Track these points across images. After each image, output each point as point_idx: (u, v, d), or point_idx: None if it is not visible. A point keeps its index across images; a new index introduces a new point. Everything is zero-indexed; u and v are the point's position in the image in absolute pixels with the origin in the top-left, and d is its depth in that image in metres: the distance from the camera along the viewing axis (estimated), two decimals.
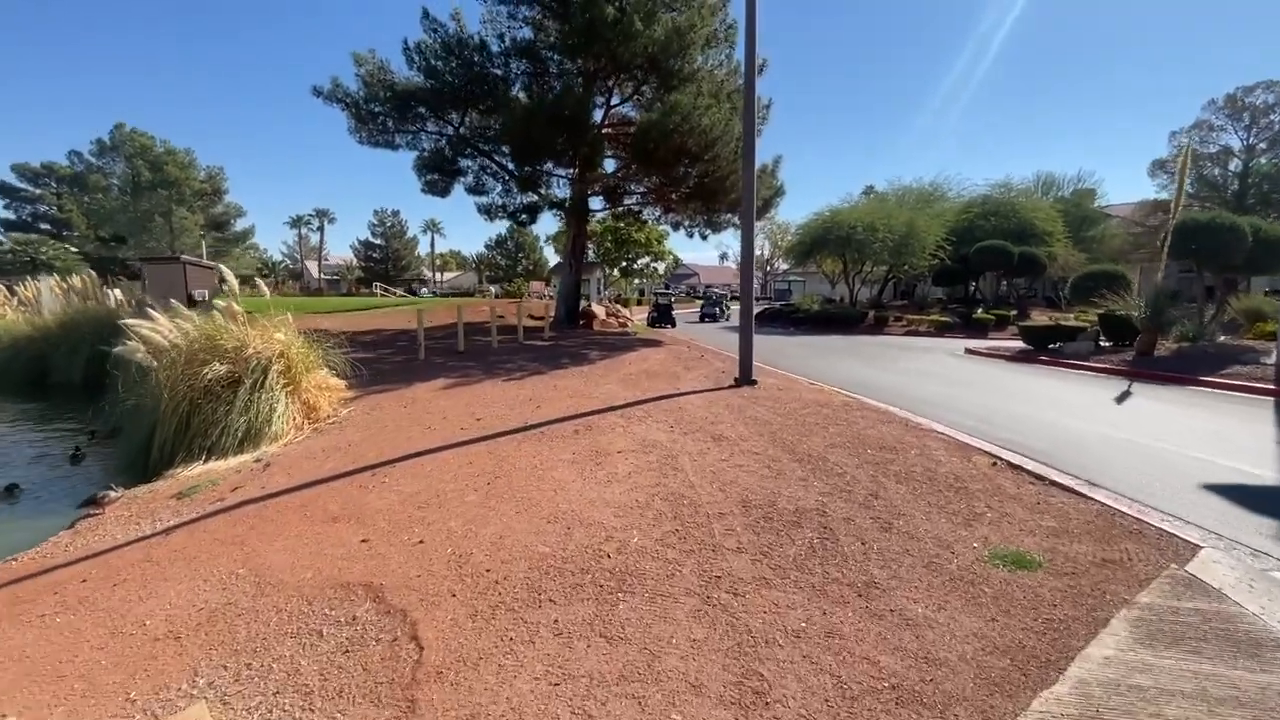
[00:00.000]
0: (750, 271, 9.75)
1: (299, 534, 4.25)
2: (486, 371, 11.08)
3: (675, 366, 11.85)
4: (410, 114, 17.38)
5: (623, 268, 43.14)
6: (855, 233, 30.11)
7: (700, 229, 21.88)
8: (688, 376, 10.56)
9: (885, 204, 34.56)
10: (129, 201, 41.73)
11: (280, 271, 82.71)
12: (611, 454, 5.79)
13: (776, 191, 19.28)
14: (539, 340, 16.32)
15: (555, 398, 8.61)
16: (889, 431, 6.65)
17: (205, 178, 45.11)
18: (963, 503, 4.54)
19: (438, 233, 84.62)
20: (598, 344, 16.06)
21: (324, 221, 77.49)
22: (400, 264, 74.97)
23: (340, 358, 9.25)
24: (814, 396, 8.72)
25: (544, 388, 9.43)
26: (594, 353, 14.04)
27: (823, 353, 16.79)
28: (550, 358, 13.01)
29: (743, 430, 6.62)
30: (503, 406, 8.06)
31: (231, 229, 48.33)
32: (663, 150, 14.60)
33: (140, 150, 41.94)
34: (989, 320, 26.10)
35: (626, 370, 11.28)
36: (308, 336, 9.16)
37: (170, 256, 23.09)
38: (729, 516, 4.27)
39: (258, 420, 7.22)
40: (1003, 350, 16.73)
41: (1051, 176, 41.53)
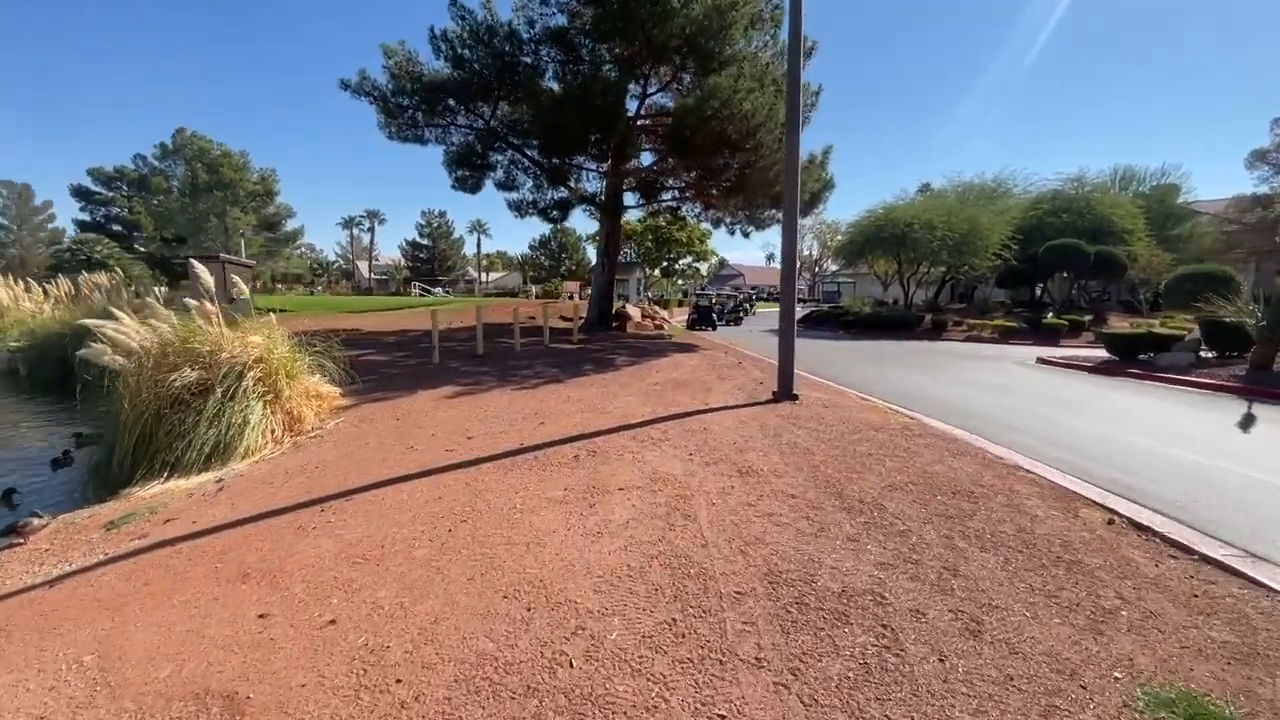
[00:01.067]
0: (792, 268, 8.50)
1: (192, 599, 3.32)
2: (500, 378, 10.17)
3: (707, 375, 10.68)
4: (439, 106, 16.74)
5: (663, 268, 42.00)
6: (911, 230, 28.18)
7: (742, 226, 20.56)
8: (720, 388, 9.37)
9: (943, 201, 32.31)
10: (188, 203, 43.16)
11: (334, 271, 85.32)
12: (611, 491, 4.70)
13: (825, 185, 17.81)
14: (566, 344, 15.39)
15: (564, 412, 7.58)
16: (962, 468, 5.33)
17: (258, 179, 46.34)
18: (1080, 588, 3.26)
19: (483, 233, 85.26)
20: (628, 348, 15.01)
21: (374, 222, 79.24)
22: (446, 264, 75.90)
23: (340, 361, 8.50)
24: (866, 417, 7.41)
25: (555, 399, 8.42)
26: (621, 358, 12.99)
27: (875, 360, 15.28)
28: (573, 364, 12.03)
29: (777, 461, 5.43)
30: (503, 422, 7.09)
31: (282, 229, 49.59)
32: (700, 138, 13.44)
33: (199, 153, 43.35)
34: (1060, 325, 23.86)
35: (652, 379, 10.17)
36: (306, 338, 8.46)
37: (210, 255, 23.29)
38: (749, 599, 3.13)
39: (228, 433, 6.45)
40: (1081, 360, 14.86)
41: (1131, 170, 38.21)
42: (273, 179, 47.21)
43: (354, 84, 16.30)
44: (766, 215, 19.67)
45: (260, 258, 46.48)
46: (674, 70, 15.92)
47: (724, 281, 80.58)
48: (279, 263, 50.59)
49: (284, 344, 7.62)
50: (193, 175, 43.31)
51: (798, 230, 8.50)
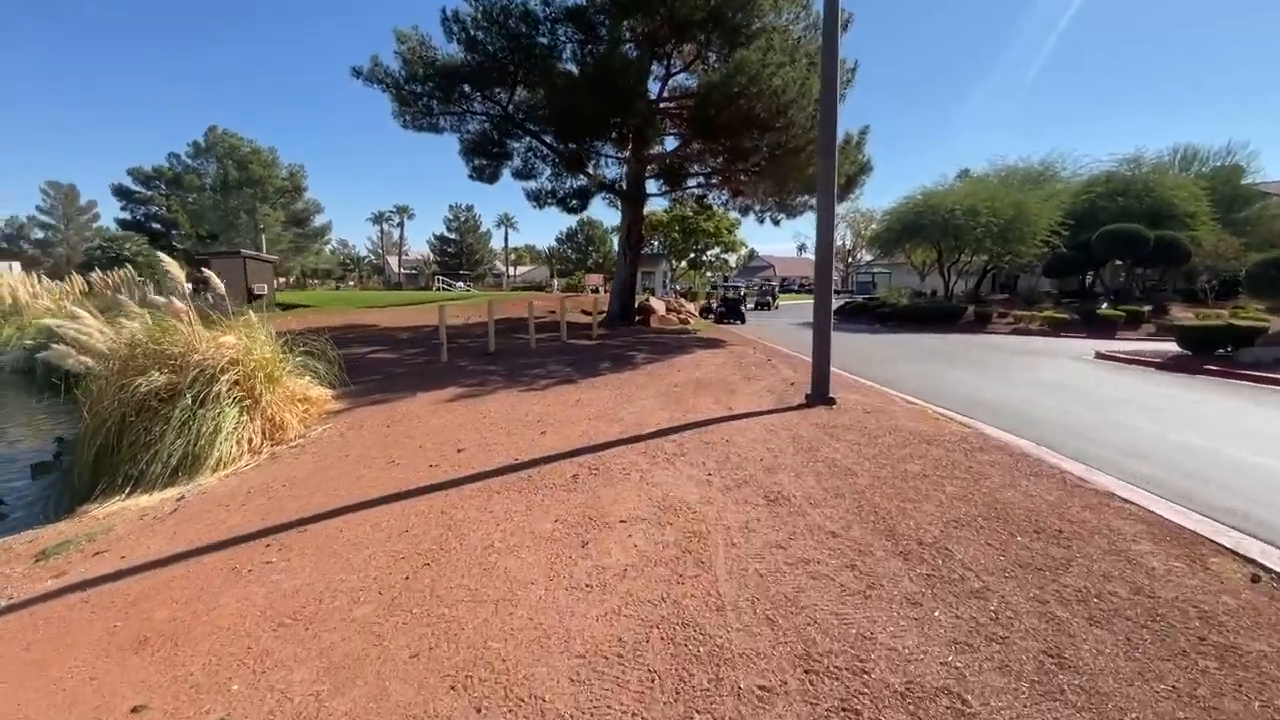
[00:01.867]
0: (829, 254, 7.54)
1: (67, 675, 2.63)
2: (508, 378, 9.45)
3: (733, 375, 9.79)
4: (453, 93, 16.07)
5: (691, 259, 40.96)
6: (953, 217, 26.64)
7: (772, 214, 19.51)
8: (746, 390, 8.49)
9: (986, 186, 30.52)
10: (220, 200, 43.74)
11: (365, 267, 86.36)
12: (611, 524, 3.90)
13: (861, 168, 16.63)
14: (585, 340, 14.63)
15: (571, 419, 6.80)
16: (1040, 494, 4.37)
17: (286, 175, 46.73)
18: (1249, 696, 2.33)
19: (511, 227, 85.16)
20: (650, 344, 14.18)
21: (404, 217, 79.70)
22: (474, 258, 76.02)
23: (335, 360, 7.89)
24: (915, 425, 6.45)
25: (564, 403, 7.65)
26: (641, 355, 12.17)
27: (918, 356, 14.14)
28: (588, 362, 11.25)
29: (812, 485, 4.55)
30: (501, 430, 6.34)
31: (311, 225, 50.01)
32: (726, 117, 12.49)
33: (229, 150, 43.87)
34: (1117, 317, 22.16)
35: (673, 379, 9.33)
36: (305, 337, 7.87)
37: (231, 251, 23.24)
38: (777, 700, 2.29)
39: (197, 443, 5.84)
40: (1147, 355, 13.49)
41: (1193, 149, 35.65)
42: (301, 174, 47.58)
43: (366, 71, 15.74)
44: (798, 202, 18.59)
45: (289, 253, 46.95)
46: (698, 48, 14.93)
47: (754, 273, 79.02)
48: (308, 258, 51.05)
49: (267, 344, 6.99)
50: (224, 172, 43.86)
51: (834, 214, 7.54)
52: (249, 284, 22.33)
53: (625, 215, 17.74)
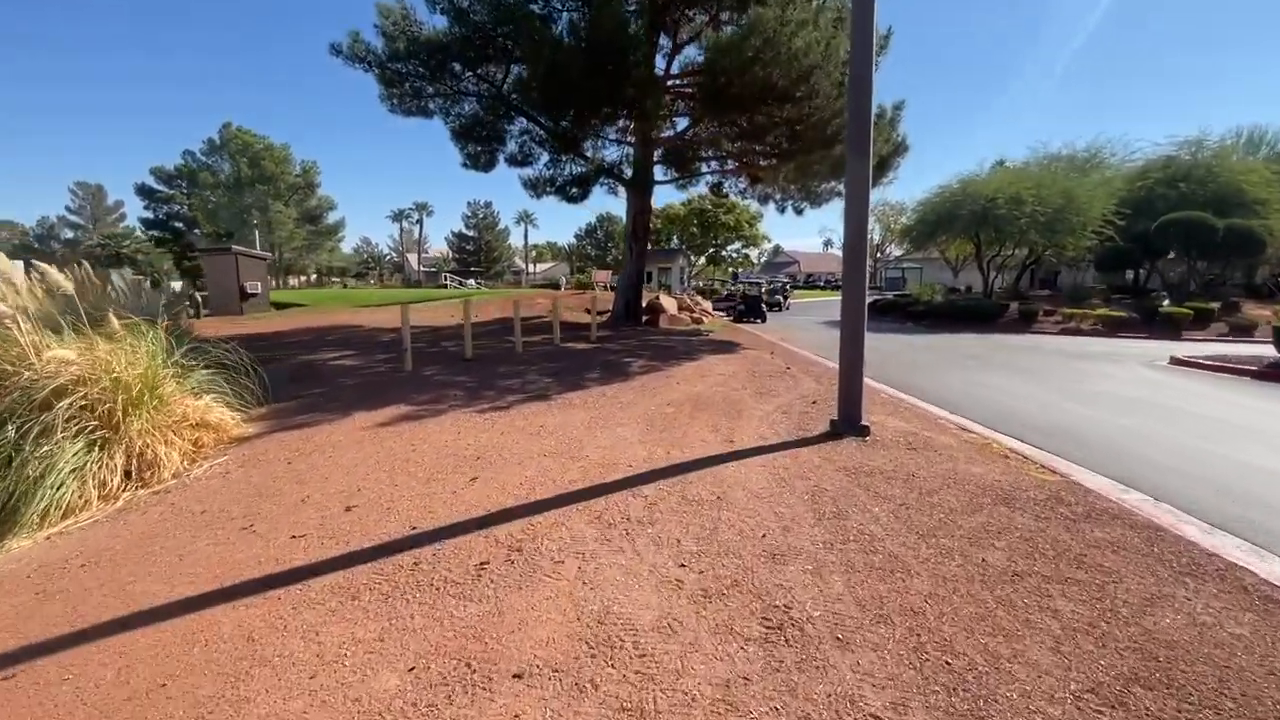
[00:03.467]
0: (861, 240, 5.82)
1: None
2: (471, 393, 7.92)
3: (743, 389, 8.12)
4: (441, 71, 14.62)
5: (710, 254, 39.12)
6: (994, 207, 24.47)
7: (794, 202, 17.69)
8: (756, 411, 6.82)
9: (1028, 174, 28.10)
10: (234, 197, 43.28)
11: (385, 264, 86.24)
12: (496, 681, 2.31)
13: (896, 148, 14.73)
14: (581, 343, 13.07)
15: (521, 456, 5.23)
16: (1225, 622, 2.65)
17: (299, 172, 46.12)
18: None
19: (531, 224, 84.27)
20: (653, 348, 12.55)
21: (422, 215, 79.28)
22: (493, 255, 75.13)
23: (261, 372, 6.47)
24: (982, 472, 4.72)
25: (522, 431, 6.07)
26: (639, 362, 10.55)
27: (959, 361, 12.27)
28: (576, 370, 9.68)
29: (841, 594, 2.89)
30: (419, 476, 4.78)
31: (324, 222, 49.40)
32: (739, 87, 10.78)
33: (243, 147, 43.38)
34: (1182, 316, 19.82)
35: (668, 395, 7.70)
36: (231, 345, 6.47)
37: (222, 248, 22.21)
38: None
39: (17, 488, 4.41)
40: (1234, 361, 11.44)
41: (1260, 130, 32.61)
42: (314, 171, 46.95)
43: (346, 49, 14.34)
44: (823, 189, 16.75)
45: (302, 251, 46.36)
46: (709, 14, 13.22)
47: (778, 269, 76.75)
48: (321, 255, 50.48)
49: (145, 357, 5.55)
50: (236, 170, 43.36)
51: (869, 190, 5.81)
52: (241, 282, 21.25)
53: (631, 205, 16.10)
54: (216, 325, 17.03)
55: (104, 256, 25.62)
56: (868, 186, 5.72)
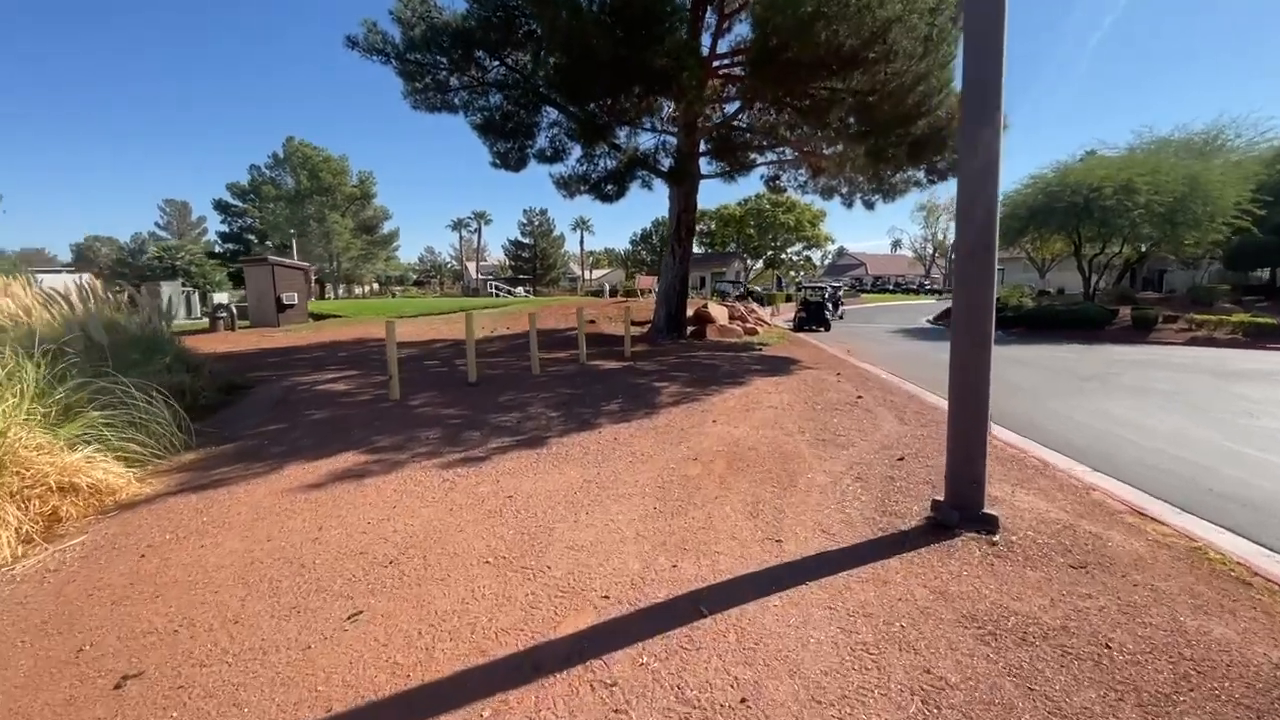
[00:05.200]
0: (990, 216, 3.74)
1: None
2: (449, 436, 6.28)
3: (799, 432, 6.12)
4: (465, 60, 13.31)
5: (768, 257, 36.67)
6: (1100, 198, 21.15)
7: (863, 194, 15.36)
8: (817, 473, 4.84)
9: (1136, 159, 24.39)
10: (295, 209, 44.23)
11: (446, 273, 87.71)
12: None
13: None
14: (612, 360, 11.31)
15: (450, 564, 3.47)
16: None
17: (357, 182, 46.76)
18: None
19: (586, 230, 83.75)
20: (693, 367, 10.65)
21: (481, 223, 80.00)
22: (548, 262, 74.78)
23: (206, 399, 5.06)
24: (1233, 637, 2.62)
25: (475, 507, 4.33)
26: (672, 388, 8.68)
27: (1075, 383, 9.75)
28: (593, 399, 7.92)
29: None
30: (277, 609, 3.08)
31: (379, 231, 49.95)
32: (796, 50, 8.79)
33: (303, 160, 44.29)
34: None
35: (697, 442, 5.81)
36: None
37: (258, 259, 21.79)
38: None
39: None
40: None
41: None
42: (370, 181, 47.51)
43: (362, 40, 13.21)
44: (900, 179, 14.37)
45: (359, 261, 46.93)
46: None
47: (843, 272, 73.02)
48: (377, 265, 51.07)
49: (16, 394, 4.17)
50: (297, 182, 44.32)
51: (999, 133, 3.76)
52: (278, 293, 20.73)
53: (673, 203, 14.25)
54: (237, 339, 16.34)
55: (160, 269, 25.96)
56: (996, 163, 3.69)
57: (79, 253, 75.33)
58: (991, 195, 3.71)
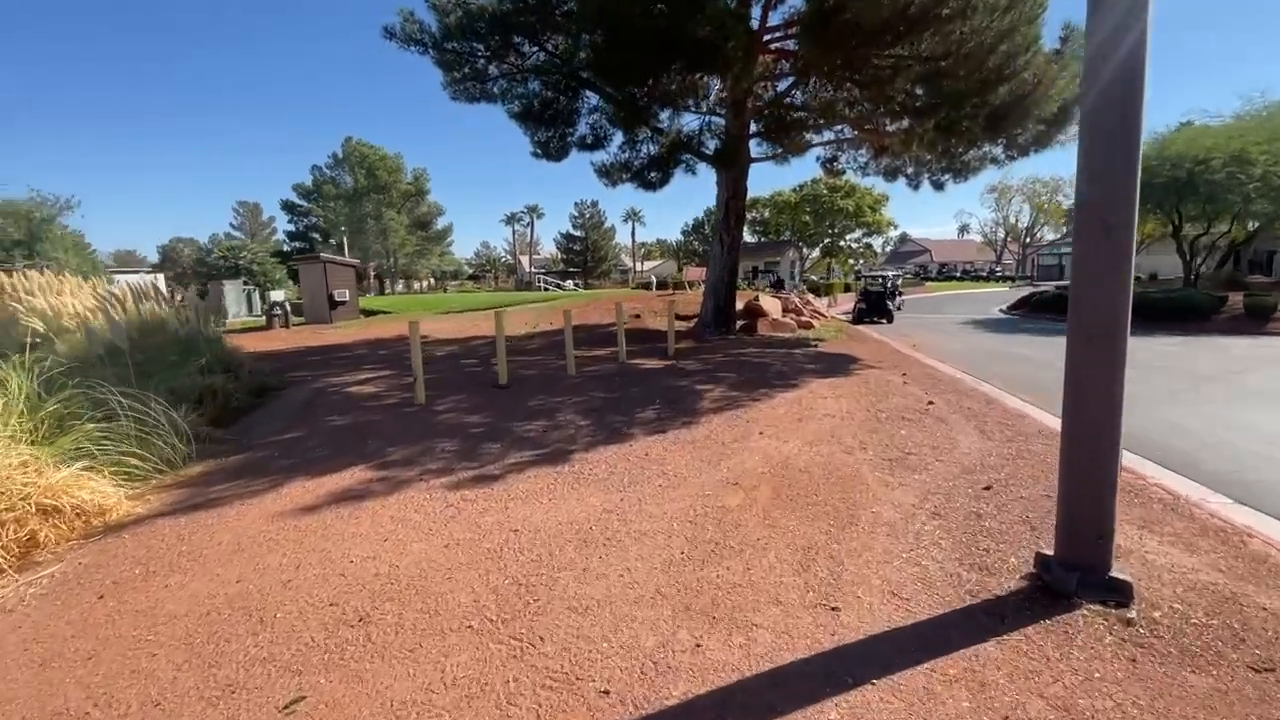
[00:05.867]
0: (1130, 195, 2.80)
1: None
2: (465, 449, 5.74)
3: (859, 449, 5.27)
4: (501, 45, 12.83)
5: (825, 245, 35.01)
6: (1206, 171, 18.88)
7: (932, 175, 14.05)
8: (883, 506, 4.01)
9: (1245, 126, 21.64)
10: (354, 207, 45.46)
11: (500, 267, 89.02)
12: None
13: None
14: (654, 358, 10.61)
15: (423, 626, 2.87)
16: None
17: (411, 179, 47.64)
18: None
19: (638, 221, 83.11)
20: (741, 366, 9.82)
21: (533, 217, 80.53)
22: (598, 255, 74.64)
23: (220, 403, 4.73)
24: None
25: (473, 544, 3.73)
26: (716, 391, 7.90)
27: (1189, 384, 8.40)
28: (628, 404, 7.25)
29: None
30: (212, 684, 2.57)
31: (434, 228, 50.80)
32: (854, 11, 7.79)
33: (360, 159, 45.42)
34: None
35: (739, 461, 5.06)
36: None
37: (311, 256, 22.16)
38: None
39: None
40: None
41: None
42: (424, 178, 48.31)
43: (399, 30, 12.91)
44: (973, 156, 13.02)
45: (414, 257, 47.85)
46: None
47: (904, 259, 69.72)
48: (431, 260, 51.99)
49: None
50: (355, 180, 45.50)
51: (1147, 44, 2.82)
52: (330, 290, 21.02)
53: (722, 188, 13.36)
54: (288, 337, 16.54)
55: (224, 268, 26.94)
56: (1139, 95, 2.75)
57: (164, 254, 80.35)
58: (1132, 146, 2.77)
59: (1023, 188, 56.11)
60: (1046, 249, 56.82)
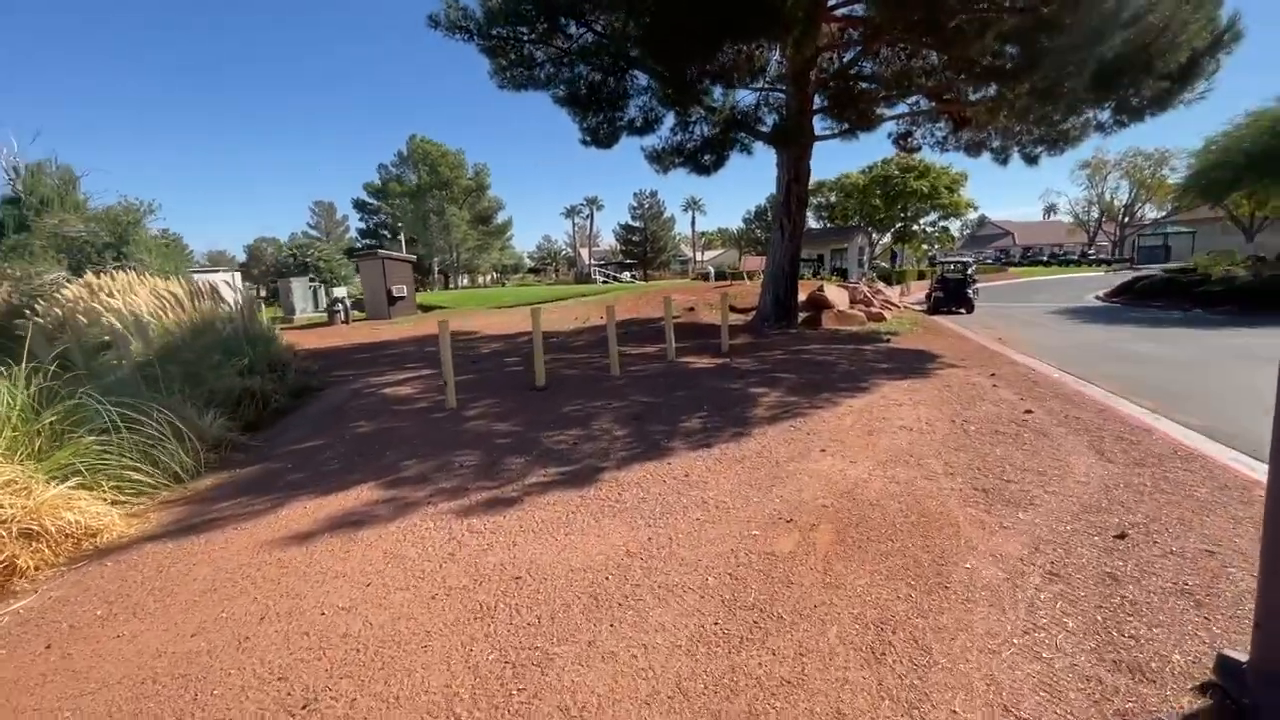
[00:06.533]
0: None
1: None
2: (486, 464, 5.18)
3: (945, 476, 4.34)
4: (547, 28, 12.27)
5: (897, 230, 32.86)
6: None
7: (1023, 148, 12.50)
8: (980, 554, 3.11)
9: None
10: (418, 204, 46.52)
11: (561, 260, 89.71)
12: None
13: (1219, 36, 9.08)
14: (706, 356, 9.82)
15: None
16: None
17: (472, 174, 48.25)
18: None
19: (698, 210, 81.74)
20: (802, 365, 8.89)
21: (593, 209, 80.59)
22: (658, 245, 73.84)
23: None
24: None
25: (466, 591, 3.11)
26: (772, 396, 7.04)
27: None
28: (671, 411, 6.51)
29: None
30: None
31: (494, 222, 51.33)
32: None
33: (423, 156, 46.35)
34: None
35: (795, 490, 4.24)
36: None
37: (369, 252, 22.46)
38: None
39: None
40: None
41: None
42: (485, 173, 48.81)
43: (444, 19, 12.54)
44: (1074, 124, 11.42)
45: (475, 252, 48.54)
46: None
47: (984, 244, 65.40)
48: (492, 255, 52.59)
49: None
50: (418, 177, 46.50)
51: None
52: (388, 286, 21.26)
53: (781, 170, 12.31)
54: (346, 333, 16.70)
55: (293, 266, 27.90)
56: None
57: (250, 253, 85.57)
58: None
59: (1120, 162, 51.11)
60: (1149, 229, 51.69)
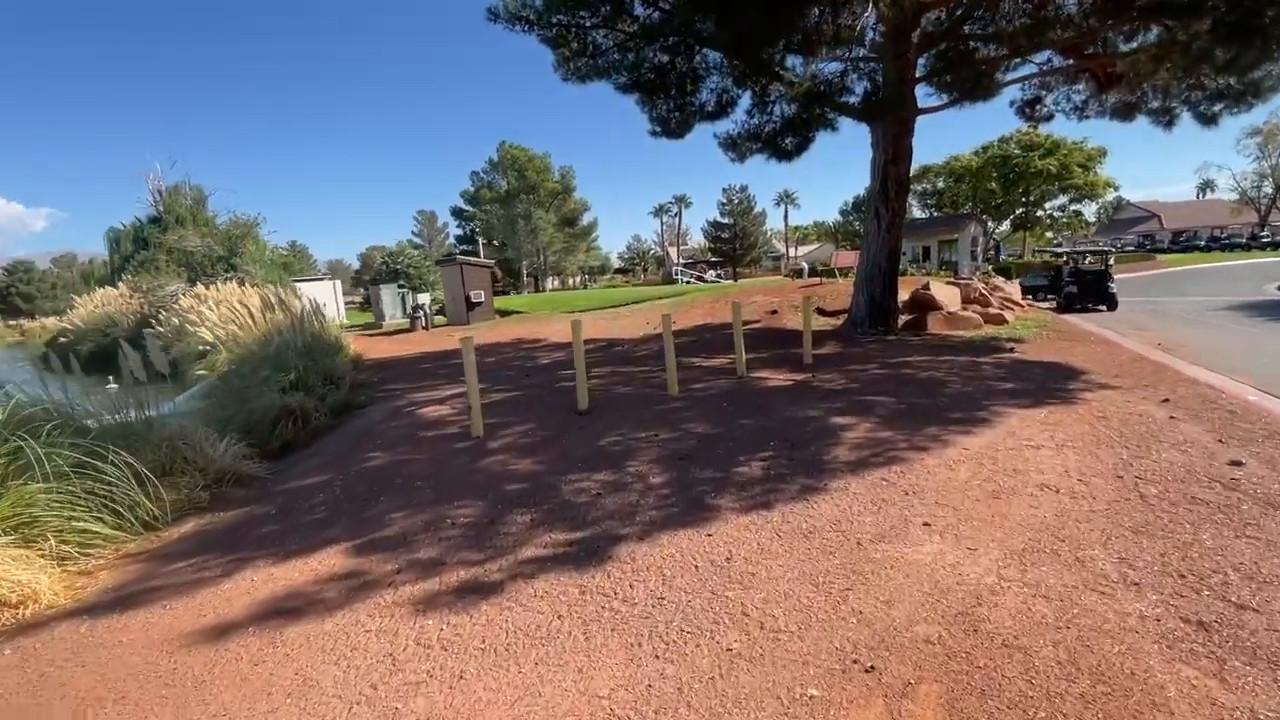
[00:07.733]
0: None
1: None
2: (488, 522, 4.19)
3: (1125, 581, 2.80)
4: (610, 9, 11.30)
5: (1018, 217, 29.07)
6: None
7: (1194, 106, 10.01)
8: None
9: None
10: (507, 209, 47.46)
11: (649, 259, 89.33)
12: None
13: None
14: (783, 371, 8.39)
15: None
16: None
17: (558, 178, 48.53)
18: None
19: (791, 204, 78.43)
20: (903, 384, 7.25)
21: (681, 207, 79.43)
22: (748, 241, 71.41)
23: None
24: None
25: None
26: (861, 429, 5.56)
27: None
28: (731, 451, 5.23)
29: None
30: None
31: (579, 224, 51.41)
32: None
33: (511, 161, 47.16)
34: None
35: (878, 604, 2.88)
36: None
37: (449, 258, 22.52)
38: None
39: None
40: None
41: None
42: (570, 176, 48.97)
43: (502, 10, 11.86)
44: (1269, 71, 8.92)
45: (561, 254, 48.82)
46: None
47: (1124, 229, 57.76)
48: (578, 257, 52.74)
49: None
50: (507, 183, 47.39)
51: None
52: (467, 291, 21.22)
53: (877, 150, 10.53)
54: (421, 340, 16.59)
55: (385, 273, 28.87)
56: None
57: (363, 261, 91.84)
58: None
59: None
60: None
